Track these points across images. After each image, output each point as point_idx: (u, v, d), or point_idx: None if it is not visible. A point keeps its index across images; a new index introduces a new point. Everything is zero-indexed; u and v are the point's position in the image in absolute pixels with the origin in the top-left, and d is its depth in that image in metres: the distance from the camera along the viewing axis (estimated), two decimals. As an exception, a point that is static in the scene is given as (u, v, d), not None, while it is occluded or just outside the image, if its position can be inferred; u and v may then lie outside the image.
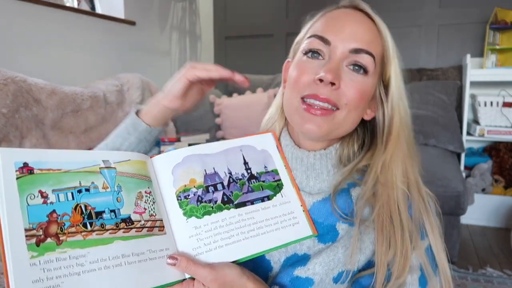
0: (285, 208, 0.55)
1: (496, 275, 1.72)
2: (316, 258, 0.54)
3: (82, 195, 0.42)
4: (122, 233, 0.44)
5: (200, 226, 0.49)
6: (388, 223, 0.54)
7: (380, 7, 0.62)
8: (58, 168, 0.41)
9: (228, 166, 0.55)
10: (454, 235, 1.77)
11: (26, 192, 0.38)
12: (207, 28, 3.10)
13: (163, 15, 2.57)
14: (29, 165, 0.39)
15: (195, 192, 0.51)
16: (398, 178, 0.57)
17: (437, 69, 2.47)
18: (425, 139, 2.20)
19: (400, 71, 0.60)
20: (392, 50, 0.59)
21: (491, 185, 2.34)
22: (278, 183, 0.57)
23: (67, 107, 1.48)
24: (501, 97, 2.27)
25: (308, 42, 0.58)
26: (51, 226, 0.39)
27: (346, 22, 0.57)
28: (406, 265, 0.52)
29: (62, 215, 0.40)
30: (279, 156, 0.60)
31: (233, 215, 0.51)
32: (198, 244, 0.48)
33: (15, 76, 1.32)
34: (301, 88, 0.57)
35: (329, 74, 0.53)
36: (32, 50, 1.68)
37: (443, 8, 2.55)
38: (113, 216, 0.44)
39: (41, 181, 0.40)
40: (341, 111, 0.56)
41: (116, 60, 2.17)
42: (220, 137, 2.29)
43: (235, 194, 0.53)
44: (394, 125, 0.59)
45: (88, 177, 0.43)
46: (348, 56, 0.56)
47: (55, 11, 1.78)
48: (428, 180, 0.63)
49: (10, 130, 1.27)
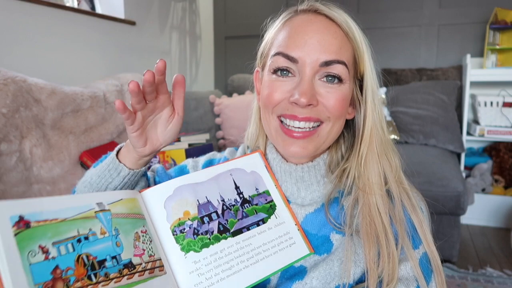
0: (281, 229, 0.55)
1: (496, 275, 1.72)
2: (313, 272, 0.54)
3: (82, 244, 0.40)
4: (126, 280, 0.42)
5: (200, 260, 0.48)
6: (372, 229, 0.53)
7: (380, 7, 0.61)
8: (55, 218, 0.39)
9: (220, 193, 0.54)
10: (454, 235, 1.77)
11: (27, 249, 0.36)
12: (207, 28, 3.10)
13: (163, 15, 2.57)
14: (25, 218, 0.36)
15: (190, 224, 0.50)
16: (375, 182, 0.56)
17: (437, 69, 2.47)
18: (425, 139, 2.20)
19: (372, 65, 0.58)
20: (362, 46, 0.56)
21: (491, 185, 2.34)
22: (271, 204, 0.57)
23: (67, 107, 1.48)
24: (501, 97, 2.27)
25: (274, 61, 0.56)
26: (57, 284, 0.36)
27: (310, 33, 0.53)
28: (395, 268, 0.51)
29: (66, 270, 0.38)
30: (268, 176, 0.59)
31: (231, 244, 0.51)
32: (199, 280, 0.47)
33: (15, 76, 1.32)
34: (275, 108, 0.56)
35: (303, 97, 0.51)
36: (32, 50, 1.68)
37: (443, 8, 2.55)
38: (115, 263, 0.42)
39: (40, 235, 0.37)
40: (325, 124, 0.55)
41: (116, 60, 2.17)
42: (220, 137, 2.29)
43: (230, 222, 0.52)
44: (367, 123, 0.57)
45: (85, 223, 0.41)
46: (319, 70, 0.53)
47: (55, 11, 1.78)
48: (428, 180, 0.63)
49: (10, 130, 1.27)
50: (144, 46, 2.39)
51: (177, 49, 2.74)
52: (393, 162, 0.58)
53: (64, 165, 1.42)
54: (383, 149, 0.58)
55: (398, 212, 0.55)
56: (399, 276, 0.52)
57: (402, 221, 0.55)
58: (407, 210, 0.56)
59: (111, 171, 0.58)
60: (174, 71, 2.71)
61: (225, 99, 2.36)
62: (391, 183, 0.57)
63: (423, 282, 0.52)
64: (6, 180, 1.25)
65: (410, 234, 0.55)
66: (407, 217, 0.56)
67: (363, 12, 2.66)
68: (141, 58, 2.38)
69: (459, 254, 1.84)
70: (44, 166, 1.36)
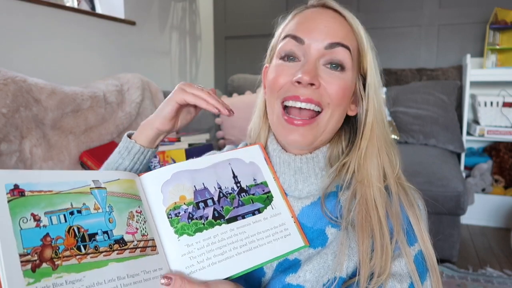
0: (276, 220, 0.55)
1: (496, 275, 1.72)
2: (307, 265, 0.54)
3: (74, 217, 0.42)
4: (116, 254, 0.43)
5: (192, 243, 0.49)
6: (367, 221, 0.54)
7: (380, 7, 0.62)
8: (49, 190, 0.41)
9: (218, 181, 0.55)
10: (454, 235, 1.77)
11: (19, 216, 0.37)
12: (207, 28, 3.10)
13: (163, 15, 2.57)
14: (20, 187, 0.38)
15: (186, 209, 0.51)
16: (374, 175, 0.57)
17: (437, 69, 2.47)
18: (425, 139, 2.21)
19: (376, 64, 0.60)
20: (366, 43, 0.59)
21: (491, 185, 2.34)
22: (268, 195, 0.57)
23: (67, 107, 1.49)
24: (501, 97, 2.27)
25: (282, 44, 0.59)
26: (45, 250, 0.38)
27: (318, 20, 0.57)
28: (388, 262, 0.51)
29: (56, 238, 0.39)
30: (267, 167, 0.60)
31: (224, 231, 0.51)
32: (191, 262, 0.48)
33: (15, 76, 1.32)
34: (280, 90, 0.57)
35: (306, 75, 0.53)
36: (32, 50, 1.68)
37: (443, 8, 2.55)
38: (106, 238, 0.43)
39: (33, 204, 0.39)
40: (325, 112, 0.57)
41: (116, 60, 2.17)
42: (220, 137, 2.29)
43: (225, 209, 0.53)
44: (368, 118, 0.59)
45: (80, 198, 0.43)
46: (324, 54, 0.56)
47: (55, 11, 1.78)
48: (428, 180, 0.63)
49: (10, 130, 1.27)
50: (144, 46, 2.39)
51: (177, 49, 2.74)
52: (393, 158, 0.60)
53: (64, 165, 1.42)
54: (383, 144, 0.59)
55: (395, 207, 0.55)
56: (393, 272, 0.52)
57: (398, 216, 0.55)
58: (404, 207, 0.56)
59: (122, 151, 0.64)
60: (174, 71, 2.72)
61: (225, 99, 2.36)
62: (389, 178, 0.57)
63: (417, 279, 0.52)
64: (6, 180, 1.25)
65: (406, 231, 0.55)
66: (403, 214, 0.56)
67: (363, 11, 2.65)
68: (141, 58, 2.38)
69: (459, 254, 1.84)
70: (44, 166, 1.36)
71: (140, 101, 1.87)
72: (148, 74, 2.20)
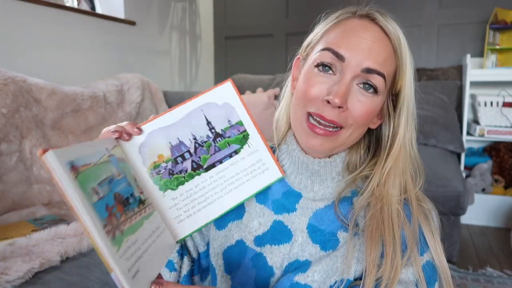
0: (254, 157, 0.57)
1: (496, 275, 1.72)
2: (316, 266, 0.55)
3: (113, 184, 0.44)
4: (144, 213, 0.48)
5: (177, 196, 0.54)
6: (377, 233, 0.53)
7: (381, 7, 0.61)
8: (89, 162, 0.41)
9: (192, 132, 0.55)
10: (454, 235, 1.77)
11: (86, 191, 0.38)
12: (207, 28, 3.11)
13: (163, 15, 2.57)
14: (73, 164, 0.38)
15: (165, 166, 0.54)
16: (394, 194, 0.57)
17: (437, 69, 2.47)
18: (425, 139, 2.20)
19: (413, 86, 0.59)
20: (406, 65, 0.57)
21: (491, 185, 2.34)
22: (244, 134, 0.57)
23: (67, 107, 1.49)
24: (501, 97, 2.27)
25: (321, 55, 0.57)
26: (112, 220, 0.40)
27: (362, 38, 0.55)
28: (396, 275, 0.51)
29: (111, 206, 0.41)
30: (241, 105, 0.58)
31: (204, 179, 0.55)
32: (178, 213, 0.54)
33: (15, 76, 1.33)
34: (308, 103, 0.57)
35: (337, 98, 0.53)
36: (32, 50, 1.68)
37: (443, 8, 2.55)
38: (133, 201, 0.47)
39: (88, 178, 0.39)
40: (346, 130, 0.56)
41: (116, 60, 2.17)
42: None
43: (203, 158, 0.55)
44: (397, 141, 0.58)
45: (107, 167, 0.44)
46: (360, 75, 0.55)
47: (55, 11, 1.78)
48: (428, 180, 0.63)
49: (10, 130, 1.27)
50: (144, 46, 2.39)
51: (177, 49, 2.74)
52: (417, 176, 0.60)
53: (64, 165, 1.42)
54: (408, 165, 0.59)
55: (413, 227, 0.56)
56: (400, 279, 0.52)
57: (415, 234, 0.55)
58: (420, 222, 0.56)
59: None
60: (174, 71, 2.72)
61: (225, 99, 2.35)
62: (410, 193, 0.58)
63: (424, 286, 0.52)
64: (6, 180, 1.25)
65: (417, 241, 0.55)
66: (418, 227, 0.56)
67: (363, 12, 2.65)
68: (141, 58, 2.38)
69: (459, 254, 1.84)
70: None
71: (140, 101, 1.87)
72: (148, 74, 2.20)
